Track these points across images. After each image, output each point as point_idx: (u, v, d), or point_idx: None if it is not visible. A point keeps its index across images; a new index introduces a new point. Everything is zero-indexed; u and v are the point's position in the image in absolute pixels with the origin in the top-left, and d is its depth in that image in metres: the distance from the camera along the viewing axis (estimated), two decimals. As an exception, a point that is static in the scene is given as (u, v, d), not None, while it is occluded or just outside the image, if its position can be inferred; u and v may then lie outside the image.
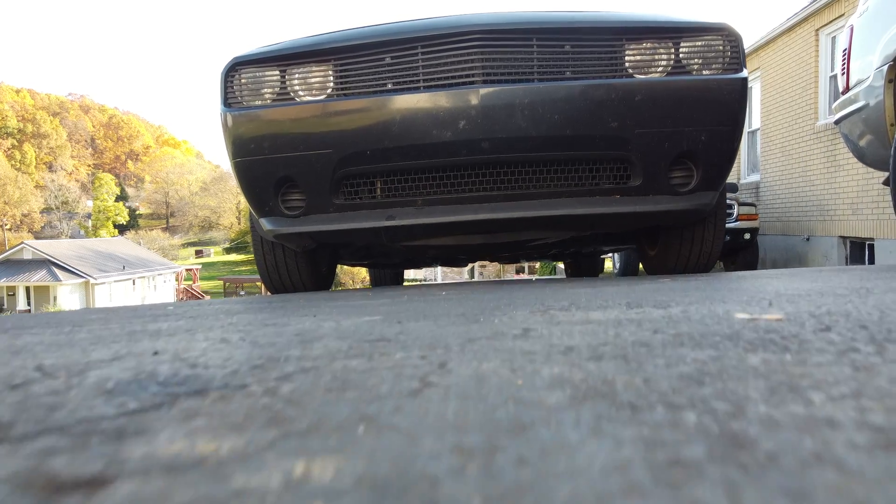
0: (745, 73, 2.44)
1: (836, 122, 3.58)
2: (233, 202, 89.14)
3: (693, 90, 2.39)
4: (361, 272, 26.53)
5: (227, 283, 49.46)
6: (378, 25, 2.55)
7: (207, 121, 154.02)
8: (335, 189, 2.49)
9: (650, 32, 2.43)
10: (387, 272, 5.77)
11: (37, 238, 62.27)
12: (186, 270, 51.85)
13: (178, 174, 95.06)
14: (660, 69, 2.44)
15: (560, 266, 18.07)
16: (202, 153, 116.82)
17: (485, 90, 2.30)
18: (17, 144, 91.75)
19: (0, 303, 38.22)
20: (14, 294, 38.26)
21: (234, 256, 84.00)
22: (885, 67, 2.94)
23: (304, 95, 2.48)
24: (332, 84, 2.47)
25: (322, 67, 2.48)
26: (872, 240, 8.50)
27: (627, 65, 2.43)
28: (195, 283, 52.66)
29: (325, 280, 3.19)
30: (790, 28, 10.29)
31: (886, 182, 3.17)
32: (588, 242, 3.33)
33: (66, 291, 37.41)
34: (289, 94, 2.49)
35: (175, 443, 0.55)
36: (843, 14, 8.93)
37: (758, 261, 9.70)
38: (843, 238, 9.28)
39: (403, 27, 2.48)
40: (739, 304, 1.34)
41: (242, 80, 2.52)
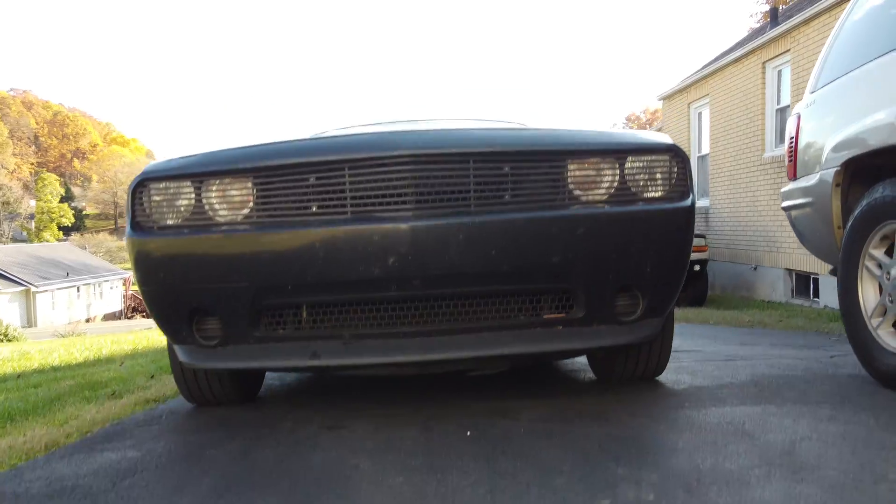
0: (691, 200, 2.34)
1: (784, 209, 3.53)
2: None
3: (638, 220, 2.29)
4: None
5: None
6: (304, 141, 2.37)
7: (158, 118, 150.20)
8: (255, 320, 2.30)
9: (595, 154, 2.30)
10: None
11: (-25, 241, 59.72)
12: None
13: (127, 173, 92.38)
14: (603, 191, 2.32)
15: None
16: (153, 151, 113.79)
17: (417, 224, 2.14)
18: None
19: (-67, 313, 36.49)
20: (-52, 304, 36.61)
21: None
22: (833, 171, 2.88)
23: (222, 216, 2.28)
24: (253, 205, 2.28)
25: (242, 185, 2.28)
26: (817, 274, 8.64)
27: (571, 186, 2.30)
28: (144, 289, 51.19)
29: (252, 390, 2.99)
30: (738, 59, 10.42)
31: (833, 272, 3.13)
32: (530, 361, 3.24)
33: (5, 301, 35.88)
34: (205, 214, 2.29)
35: None
36: (789, 49, 9.07)
37: (707, 291, 9.79)
38: (790, 270, 9.43)
39: (331, 144, 2.30)
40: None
41: (153, 199, 2.30)
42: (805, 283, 9.22)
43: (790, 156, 3.43)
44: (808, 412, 2.23)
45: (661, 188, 2.36)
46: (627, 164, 2.33)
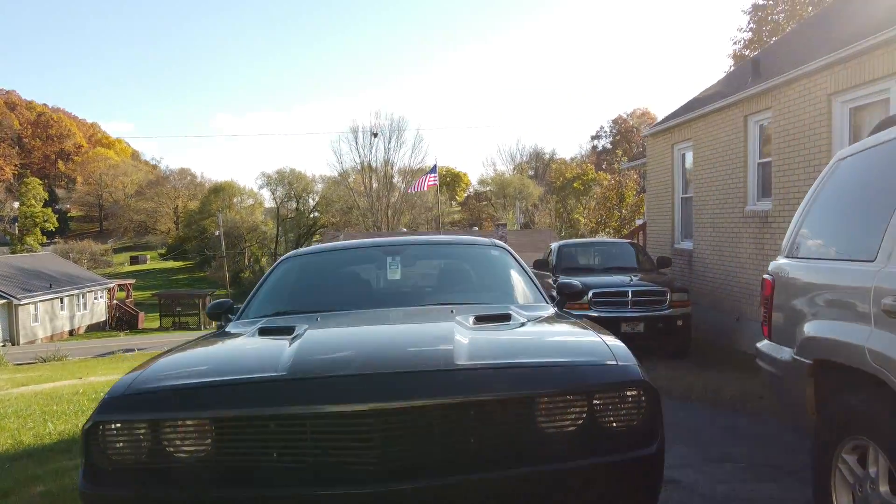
0: (656, 446, 2.30)
1: (759, 365, 3.50)
2: (170, 206, 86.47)
3: (607, 472, 2.25)
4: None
5: (163, 300, 47.80)
6: (267, 384, 2.29)
7: (144, 119, 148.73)
8: None
9: (563, 393, 2.27)
10: None
11: (-43, 248, 58.99)
12: (118, 285, 49.85)
13: (112, 176, 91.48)
14: (569, 423, 2.28)
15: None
16: (139, 152, 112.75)
17: (380, 489, 2.09)
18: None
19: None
20: (-72, 318, 36.09)
21: (172, 263, 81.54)
22: (805, 364, 2.85)
23: (180, 459, 2.22)
24: (211, 446, 2.22)
25: (201, 429, 2.22)
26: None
27: (538, 421, 2.25)
28: (128, 299, 50.79)
29: None
30: (720, 108, 10.42)
31: None
32: None
33: (-13, 314, 35.48)
34: (163, 451, 2.23)
35: None
36: (770, 107, 9.08)
37: (689, 345, 9.79)
38: (771, 326, 9.43)
39: (291, 395, 2.22)
40: None
41: (108, 440, 2.23)
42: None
43: (764, 312, 3.41)
44: None
45: (630, 420, 2.32)
46: (596, 398, 2.30)
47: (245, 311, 3.79)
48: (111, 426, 2.23)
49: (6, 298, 35.85)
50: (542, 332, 2.99)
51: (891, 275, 2.34)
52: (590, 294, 9.45)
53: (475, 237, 4.84)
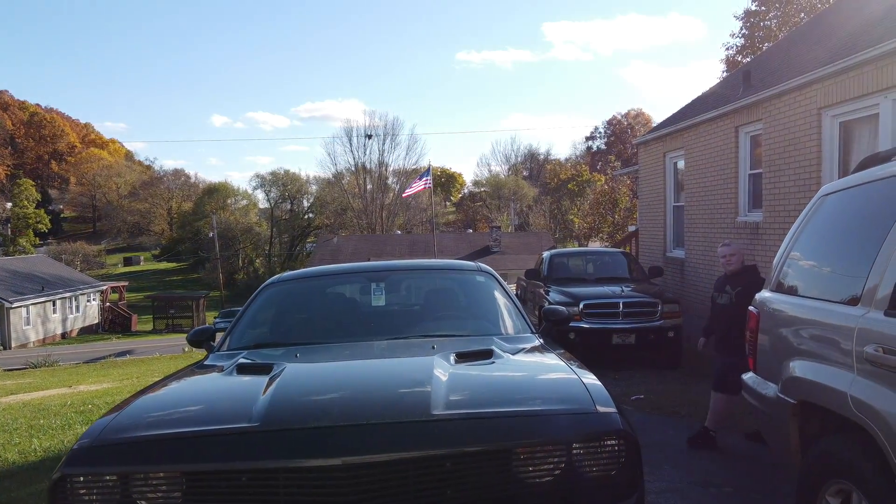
0: (635, 498, 2.27)
1: (745, 395, 3.48)
2: (164, 207, 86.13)
3: None
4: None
5: (156, 302, 47.58)
6: (236, 434, 2.25)
7: (139, 118, 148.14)
8: None
9: (542, 444, 2.23)
10: None
11: (-52, 250, 58.60)
12: (111, 288, 49.61)
13: (106, 176, 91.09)
14: (547, 474, 2.24)
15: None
16: (133, 153, 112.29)
17: None
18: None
19: None
20: (-81, 321, 35.84)
21: (166, 265, 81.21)
22: (789, 403, 2.83)
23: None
24: (182, 499, 2.17)
25: (171, 482, 2.17)
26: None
27: (516, 472, 2.22)
28: (122, 301, 50.55)
29: None
30: (712, 119, 10.41)
31: None
32: None
33: (-21, 318, 35.28)
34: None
35: None
36: (761, 119, 9.07)
37: (681, 355, 9.77)
38: (762, 337, 9.42)
39: (264, 449, 2.17)
40: None
41: (77, 493, 2.18)
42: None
43: (750, 346, 3.38)
44: None
45: (610, 468, 2.28)
46: (575, 447, 2.26)
47: (227, 341, 3.75)
48: (79, 479, 2.19)
49: (-3, 301, 35.65)
50: (523, 372, 2.95)
51: (873, 321, 2.31)
52: (581, 305, 9.43)
53: (461, 262, 4.79)
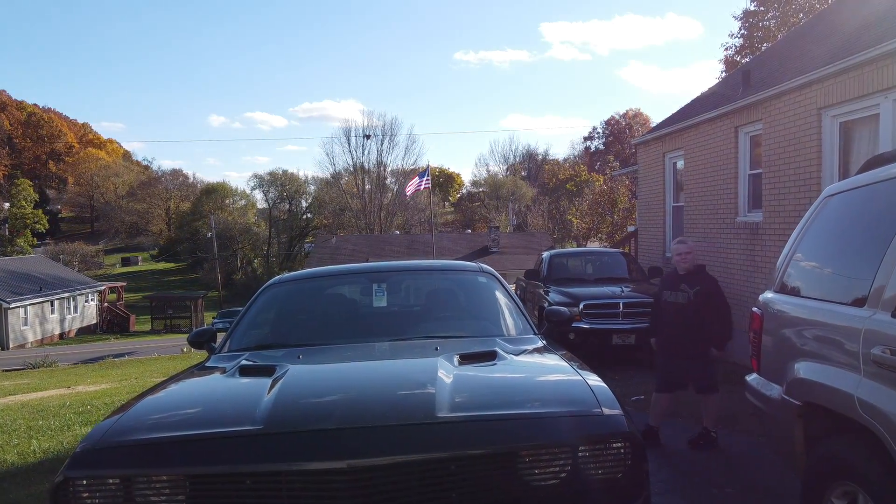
0: (641, 501, 2.26)
1: (748, 396, 3.46)
2: (162, 207, 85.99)
3: None
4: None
5: (154, 302, 47.51)
6: (239, 437, 2.23)
7: (136, 118, 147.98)
8: None
9: (548, 446, 2.22)
10: None
11: (-54, 250, 58.48)
12: (110, 288, 49.52)
13: (104, 176, 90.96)
14: (552, 476, 2.23)
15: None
16: (131, 153, 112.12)
17: None
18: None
19: None
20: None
21: (164, 265, 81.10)
22: (794, 404, 2.81)
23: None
24: (186, 502, 2.16)
25: (175, 484, 2.16)
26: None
27: (521, 474, 2.21)
28: (120, 301, 50.47)
29: None
30: (712, 119, 10.40)
31: None
32: None
33: (-24, 318, 35.19)
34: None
35: None
36: (761, 119, 9.06)
37: (681, 356, 9.76)
38: (762, 338, 9.41)
39: (267, 452, 2.15)
40: None
41: (79, 496, 2.17)
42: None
43: (754, 347, 3.37)
44: None
45: (615, 470, 2.27)
46: (581, 450, 2.25)
47: (228, 342, 3.73)
48: (82, 481, 2.17)
49: (-5, 302, 35.58)
50: (527, 374, 2.94)
51: (881, 322, 2.30)
52: (581, 306, 9.41)
53: (463, 263, 4.78)
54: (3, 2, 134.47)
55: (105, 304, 47.59)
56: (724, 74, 27.11)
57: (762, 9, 27.20)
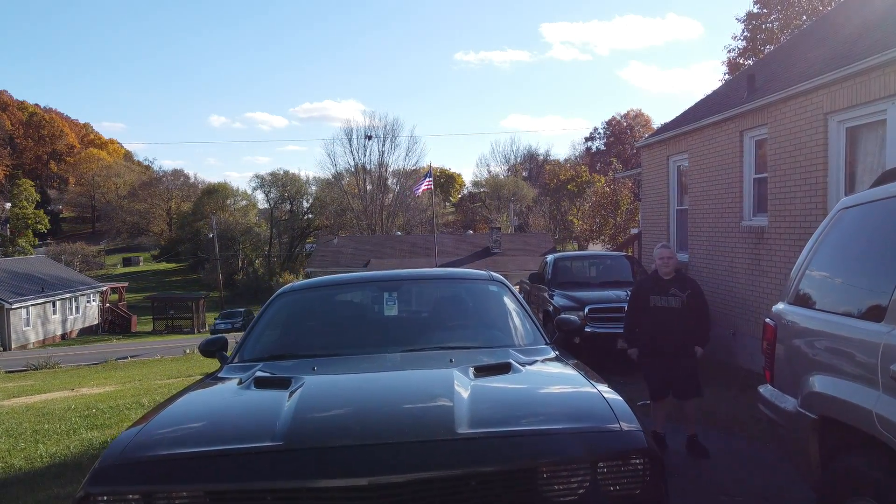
0: None
1: (761, 407, 3.46)
2: (163, 208, 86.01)
3: None
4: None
5: (156, 303, 47.53)
6: (259, 453, 2.23)
7: (138, 119, 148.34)
8: None
9: (568, 462, 2.22)
10: None
11: (-53, 250, 58.51)
12: (111, 288, 49.54)
13: (105, 176, 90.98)
14: (571, 493, 2.23)
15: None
16: (132, 153, 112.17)
17: None
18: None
19: None
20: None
21: (165, 265, 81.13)
22: (809, 418, 2.81)
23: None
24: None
25: (195, 500, 2.16)
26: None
27: (540, 490, 2.21)
28: (121, 302, 50.50)
29: None
30: (716, 123, 10.40)
31: None
32: None
33: (-22, 319, 35.20)
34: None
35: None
36: (766, 123, 9.06)
37: (686, 360, 9.76)
38: (767, 342, 9.40)
39: (288, 468, 2.16)
40: None
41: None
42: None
43: (768, 358, 3.37)
44: None
45: (633, 485, 2.27)
46: (601, 465, 2.25)
47: (241, 351, 3.73)
48: (103, 497, 2.17)
49: (-3, 302, 35.60)
50: (543, 387, 2.94)
51: (899, 338, 2.29)
52: (585, 310, 9.42)
53: (473, 271, 4.79)
54: (4, 2, 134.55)
55: (107, 305, 47.61)
56: (727, 77, 27.12)
57: (765, 11, 27.20)
